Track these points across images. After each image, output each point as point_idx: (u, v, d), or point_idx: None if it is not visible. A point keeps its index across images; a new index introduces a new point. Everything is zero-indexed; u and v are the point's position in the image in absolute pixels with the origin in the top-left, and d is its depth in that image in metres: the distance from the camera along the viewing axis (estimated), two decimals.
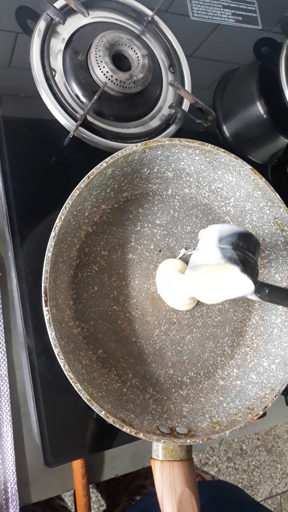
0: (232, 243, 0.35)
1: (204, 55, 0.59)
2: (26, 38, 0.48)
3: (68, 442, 0.42)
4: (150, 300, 0.45)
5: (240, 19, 0.63)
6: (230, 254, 0.35)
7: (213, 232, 0.36)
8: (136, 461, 0.49)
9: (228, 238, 0.35)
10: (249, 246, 0.36)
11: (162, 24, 0.55)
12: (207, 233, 0.37)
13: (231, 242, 0.35)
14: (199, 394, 0.44)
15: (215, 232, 0.36)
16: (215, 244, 0.35)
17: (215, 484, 0.59)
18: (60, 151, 0.47)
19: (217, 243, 0.35)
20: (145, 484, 0.60)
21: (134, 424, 0.37)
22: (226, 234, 0.35)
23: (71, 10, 0.49)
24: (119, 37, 0.49)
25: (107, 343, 0.42)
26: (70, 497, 1.07)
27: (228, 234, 0.35)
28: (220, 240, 0.35)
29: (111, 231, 0.45)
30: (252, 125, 0.58)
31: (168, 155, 0.43)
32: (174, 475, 0.36)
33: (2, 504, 0.41)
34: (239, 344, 0.47)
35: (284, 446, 1.56)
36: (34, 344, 0.41)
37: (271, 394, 0.42)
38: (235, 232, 0.36)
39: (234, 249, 0.35)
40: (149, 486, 0.59)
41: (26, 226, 0.43)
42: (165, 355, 0.45)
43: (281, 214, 0.44)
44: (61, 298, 0.40)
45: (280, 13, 0.67)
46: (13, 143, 0.45)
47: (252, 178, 0.44)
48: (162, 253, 0.46)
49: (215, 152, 0.42)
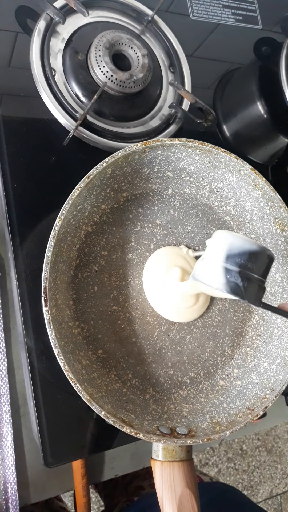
0: (240, 264, 0.33)
1: (204, 54, 0.59)
2: (26, 37, 0.48)
3: (68, 443, 0.42)
4: None
5: (240, 18, 0.63)
6: (235, 279, 0.33)
7: (222, 244, 0.34)
8: (136, 462, 0.49)
9: (236, 258, 0.33)
10: (259, 266, 0.34)
11: (162, 24, 0.55)
12: (216, 241, 0.35)
13: (239, 263, 0.33)
14: (199, 394, 0.44)
15: (224, 246, 0.34)
16: (221, 263, 0.33)
17: (214, 485, 0.59)
18: (60, 151, 0.47)
19: (224, 260, 0.33)
20: (143, 485, 0.60)
21: (134, 424, 0.37)
22: (236, 252, 0.33)
23: (71, 9, 0.49)
24: (119, 37, 0.49)
25: (107, 343, 0.42)
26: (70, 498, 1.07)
27: (238, 253, 0.33)
28: (227, 257, 0.33)
29: (111, 231, 0.45)
30: (252, 125, 0.58)
31: (168, 154, 0.43)
32: (174, 476, 0.36)
33: (2, 504, 0.41)
34: (239, 344, 0.47)
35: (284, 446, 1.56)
36: (34, 344, 0.41)
37: (271, 394, 0.41)
38: (246, 251, 0.33)
39: (241, 272, 0.33)
40: (147, 487, 0.59)
41: (26, 226, 0.43)
42: (165, 355, 0.45)
43: (282, 214, 0.44)
44: (61, 298, 0.40)
45: (280, 12, 0.66)
46: (13, 143, 0.45)
47: (252, 178, 0.44)
48: None
49: (215, 152, 0.42)
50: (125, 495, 0.60)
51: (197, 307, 0.45)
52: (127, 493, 0.60)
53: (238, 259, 0.33)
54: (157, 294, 0.44)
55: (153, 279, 0.44)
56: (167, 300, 0.44)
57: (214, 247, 0.35)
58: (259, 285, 0.34)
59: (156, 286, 0.44)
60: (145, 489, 0.59)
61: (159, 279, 0.44)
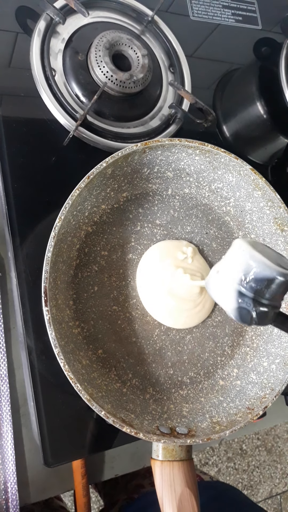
0: (256, 290, 0.30)
1: (204, 55, 0.59)
2: (26, 38, 0.48)
3: (68, 442, 0.42)
4: None
5: (240, 19, 0.63)
6: (247, 306, 0.30)
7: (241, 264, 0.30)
8: (136, 461, 0.49)
9: (253, 283, 0.30)
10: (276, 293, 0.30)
11: (162, 24, 0.55)
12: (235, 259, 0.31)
13: (254, 289, 0.30)
14: (199, 394, 0.44)
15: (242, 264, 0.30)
16: (235, 285, 0.30)
17: (214, 484, 0.59)
18: (60, 151, 0.47)
19: (239, 283, 0.30)
20: (143, 483, 0.60)
21: (134, 424, 0.37)
22: (254, 277, 0.30)
23: (71, 10, 0.49)
24: (119, 37, 0.49)
25: (107, 343, 0.42)
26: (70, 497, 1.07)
27: (256, 278, 0.29)
28: (243, 280, 0.30)
29: (111, 231, 0.45)
30: (252, 125, 0.58)
31: (168, 155, 0.43)
32: (174, 475, 0.36)
33: (2, 504, 0.41)
34: (239, 344, 0.47)
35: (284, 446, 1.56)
36: (34, 344, 0.41)
37: (271, 394, 0.42)
38: (265, 278, 0.29)
39: (255, 300, 0.30)
40: (147, 486, 0.59)
41: (26, 226, 0.43)
42: (165, 355, 0.45)
43: (281, 214, 0.44)
44: (61, 298, 0.40)
45: (280, 13, 0.66)
46: (13, 143, 0.45)
47: (252, 178, 0.44)
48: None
49: (215, 152, 0.42)
50: (125, 493, 0.60)
51: (195, 313, 0.45)
52: (127, 491, 0.60)
53: (255, 284, 0.30)
54: (152, 297, 0.44)
55: (147, 278, 0.44)
56: (165, 303, 0.44)
57: (231, 264, 0.31)
58: (271, 310, 0.31)
59: (152, 286, 0.44)
60: (145, 488, 0.59)
61: (153, 278, 0.44)
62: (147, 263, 0.44)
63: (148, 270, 0.44)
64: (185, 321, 0.45)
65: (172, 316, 0.44)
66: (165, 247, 0.45)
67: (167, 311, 0.44)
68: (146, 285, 0.44)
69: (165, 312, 0.44)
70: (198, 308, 0.45)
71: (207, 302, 0.45)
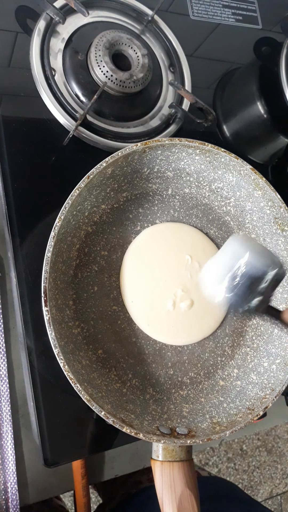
0: (249, 278, 0.31)
1: (204, 54, 0.59)
2: (26, 37, 0.48)
3: (68, 443, 0.42)
4: None
5: (240, 18, 0.63)
6: (239, 295, 0.31)
7: (235, 250, 0.32)
8: (136, 462, 0.49)
9: (246, 273, 0.31)
10: (269, 285, 0.32)
11: (162, 24, 0.55)
12: (230, 246, 0.33)
13: (247, 278, 0.31)
14: (199, 394, 0.44)
15: (236, 253, 0.32)
16: (230, 273, 0.31)
17: (211, 480, 0.59)
18: (60, 150, 0.47)
19: (233, 272, 0.31)
20: (141, 479, 0.60)
21: (134, 424, 0.37)
22: (247, 268, 0.31)
23: (71, 9, 0.49)
24: (119, 37, 0.49)
25: (107, 343, 0.42)
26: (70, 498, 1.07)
27: (249, 269, 0.31)
28: (237, 269, 0.31)
29: (111, 231, 0.45)
30: (252, 125, 0.58)
31: (168, 154, 0.43)
32: (174, 476, 0.36)
33: (2, 504, 0.41)
34: (239, 344, 0.47)
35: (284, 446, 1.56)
36: (33, 344, 0.41)
37: (271, 394, 0.41)
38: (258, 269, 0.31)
39: (248, 289, 0.31)
40: (145, 482, 0.59)
41: (26, 226, 0.43)
42: (165, 355, 0.44)
43: (282, 214, 0.44)
44: (61, 298, 0.40)
45: (280, 12, 0.66)
46: (13, 143, 0.45)
47: (253, 177, 0.44)
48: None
49: (215, 152, 0.42)
50: (123, 489, 0.60)
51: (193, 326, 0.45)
52: (125, 487, 0.60)
53: (247, 274, 0.31)
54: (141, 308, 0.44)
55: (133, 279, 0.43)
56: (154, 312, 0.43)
57: (225, 255, 0.33)
58: (262, 301, 0.32)
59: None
60: (143, 483, 0.59)
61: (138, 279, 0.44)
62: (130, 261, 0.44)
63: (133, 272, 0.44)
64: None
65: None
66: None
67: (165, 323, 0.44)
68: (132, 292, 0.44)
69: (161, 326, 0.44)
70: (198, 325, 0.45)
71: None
